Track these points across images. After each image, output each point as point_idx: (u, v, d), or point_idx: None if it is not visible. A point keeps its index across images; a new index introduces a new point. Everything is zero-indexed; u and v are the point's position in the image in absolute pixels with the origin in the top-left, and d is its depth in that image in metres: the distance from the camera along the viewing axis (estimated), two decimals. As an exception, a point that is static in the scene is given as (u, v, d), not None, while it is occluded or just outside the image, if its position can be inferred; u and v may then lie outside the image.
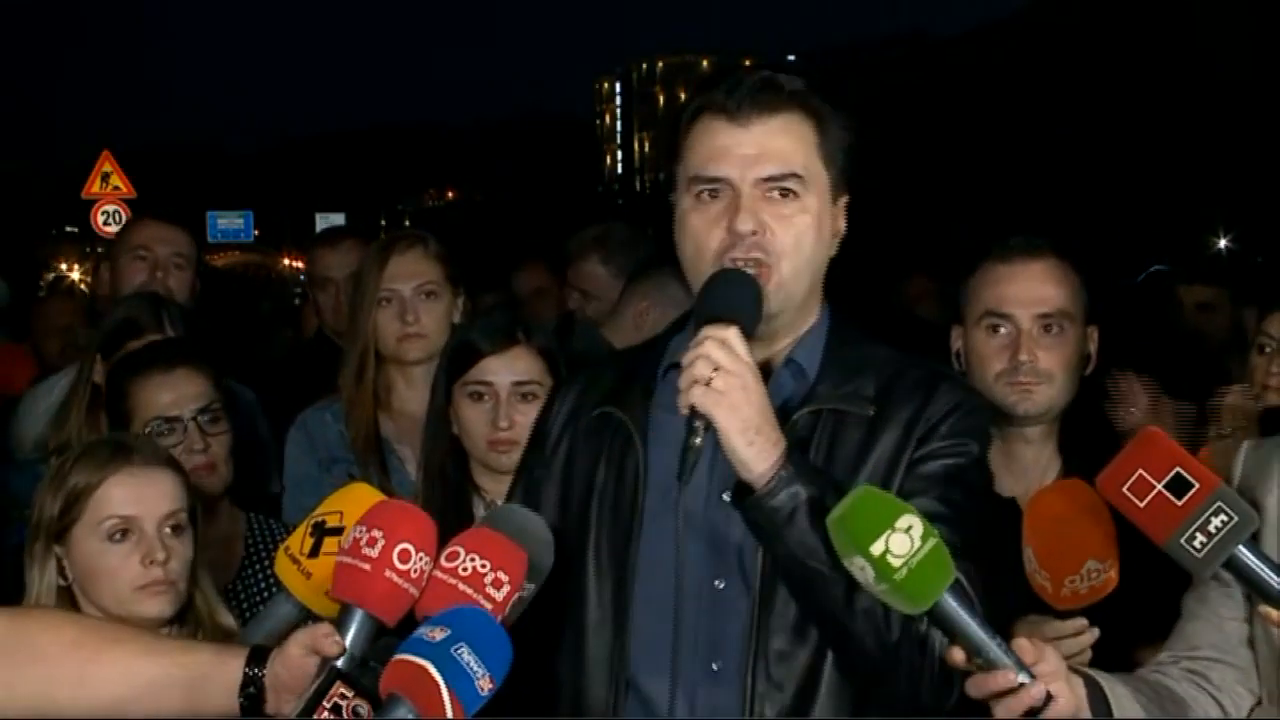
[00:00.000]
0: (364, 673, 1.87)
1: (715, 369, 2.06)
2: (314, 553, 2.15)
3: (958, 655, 2.02)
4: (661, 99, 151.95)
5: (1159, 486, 2.05)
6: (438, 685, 1.75)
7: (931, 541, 1.94)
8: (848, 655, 2.18)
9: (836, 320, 2.35)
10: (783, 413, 2.22)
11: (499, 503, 3.05)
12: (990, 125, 43.45)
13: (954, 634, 2.02)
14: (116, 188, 16.83)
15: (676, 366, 2.25)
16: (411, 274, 3.80)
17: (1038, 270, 2.93)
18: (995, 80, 44.92)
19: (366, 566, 1.93)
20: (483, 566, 1.98)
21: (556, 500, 2.35)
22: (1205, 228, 29.12)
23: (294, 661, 1.96)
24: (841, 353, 2.30)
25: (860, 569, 1.95)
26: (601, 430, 2.34)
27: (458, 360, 3.18)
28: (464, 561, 1.98)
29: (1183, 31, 39.85)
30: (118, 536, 2.59)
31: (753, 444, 2.08)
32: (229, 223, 31.36)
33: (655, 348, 2.40)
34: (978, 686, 2.01)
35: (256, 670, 1.99)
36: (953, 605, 2.00)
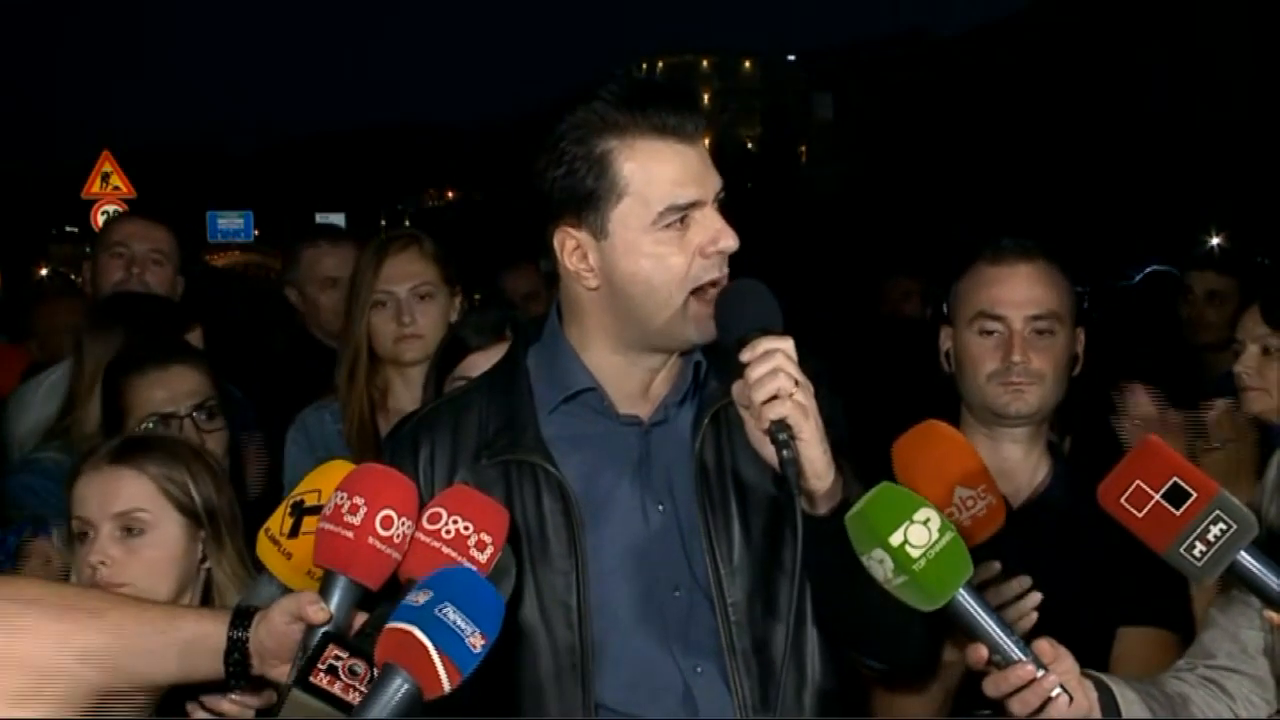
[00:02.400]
0: (362, 639, 1.89)
1: (796, 382, 2.07)
2: (294, 533, 2.16)
3: (981, 653, 2.06)
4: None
5: (1157, 497, 2.06)
6: (425, 647, 1.75)
7: (949, 535, 1.98)
8: (875, 627, 2.23)
9: None
10: (680, 415, 2.30)
11: None
12: (991, 124, 43.34)
13: (970, 630, 2.05)
14: (116, 188, 16.91)
15: (576, 396, 2.28)
16: (407, 275, 3.80)
17: (1029, 272, 2.93)
18: (996, 79, 44.80)
19: (349, 534, 1.93)
20: (465, 528, 1.97)
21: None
22: (1199, 226, 29.08)
23: (279, 629, 1.97)
24: (713, 346, 2.28)
25: (879, 562, 1.98)
26: (503, 479, 2.27)
27: (448, 356, 3.20)
28: (446, 524, 1.97)
29: (1183, 31, 39.77)
30: (81, 538, 2.61)
31: (826, 452, 2.11)
32: (229, 223, 31.37)
33: (516, 383, 2.35)
34: (995, 684, 2.06)
35: (241, 633, 2.00)
36: (969, 601, 2.03)
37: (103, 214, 16.44)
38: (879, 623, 2.20)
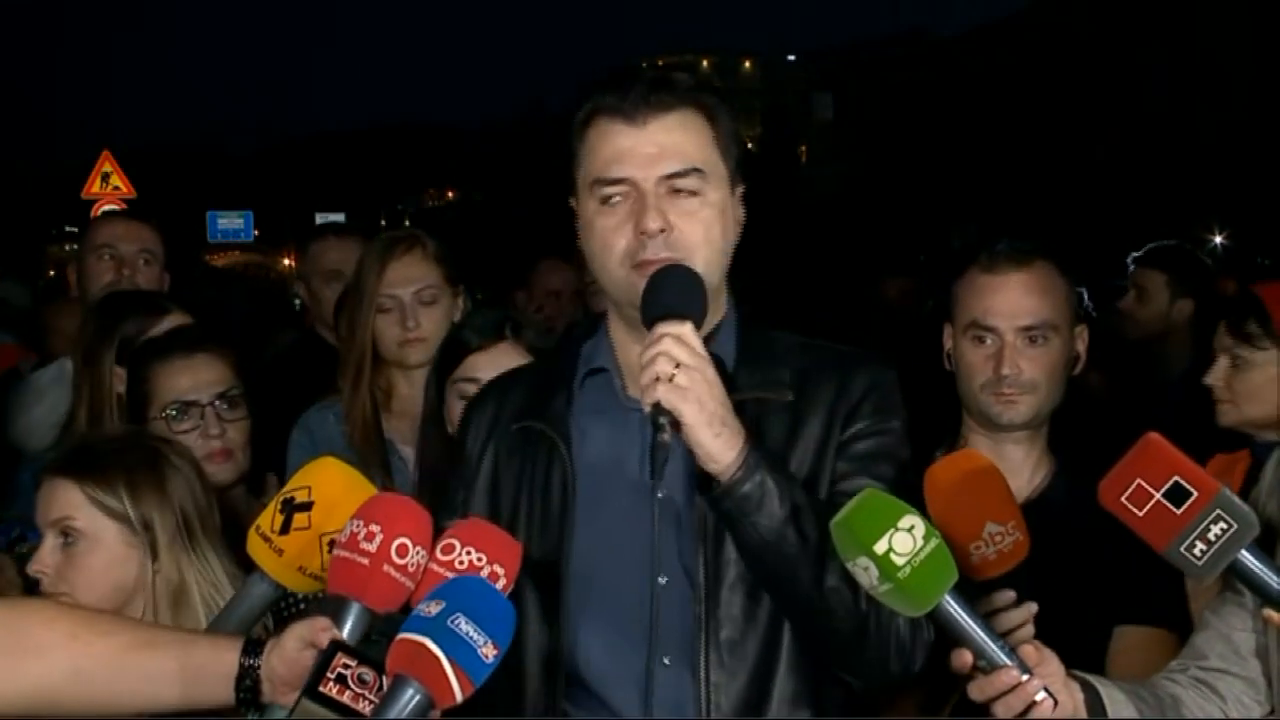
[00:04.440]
0: (366, 645, 1.89)
1: (676, 365, 2.08)
2: (284, 529, 2.14)
3: (965, 658, 2.05)
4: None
5: (1158, 495, 2.05)
6: (438, 659, 1.74)
7: (934, 542, 1.97)
8: (818, 633, 2.21)
9: (742, 310, 2.40)
10: None
11: None
12: (991, 124, 43.26)
13: (957, 636, 2.04)
14: (116, 188, 16.81)
15: (597, 372, 2.36)
16: (410, 279, 3.79)
17: (1022, 281, 2.92)
18: (996, 79, 44.68)
19: (365, 561, 1.93)
20: (479, 559, 1.98)
21: (485, 519, 2.32)
22: (1201, 225, 28.92)
23: (290, 656, 1.96)
24: (753, 341, 2.35)
25: (864, 569, 1.97)
26: (524, 445, 2.37)
27: (447, 358, 3.22)
28: (460, 555, 1.98)
29: (1184, 32, 39.65)
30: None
31: (719, 435, 2.11)
32: (229, 223, 31.34)
33: (567, 356, 2.44)
34: (981, 689, 2.05)
35: (253, 661, 1.99)
36: (955, 607, 2.03)
37: (102, 214, 16.38)
38: (811, 625, 2.21)
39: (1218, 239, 27.92)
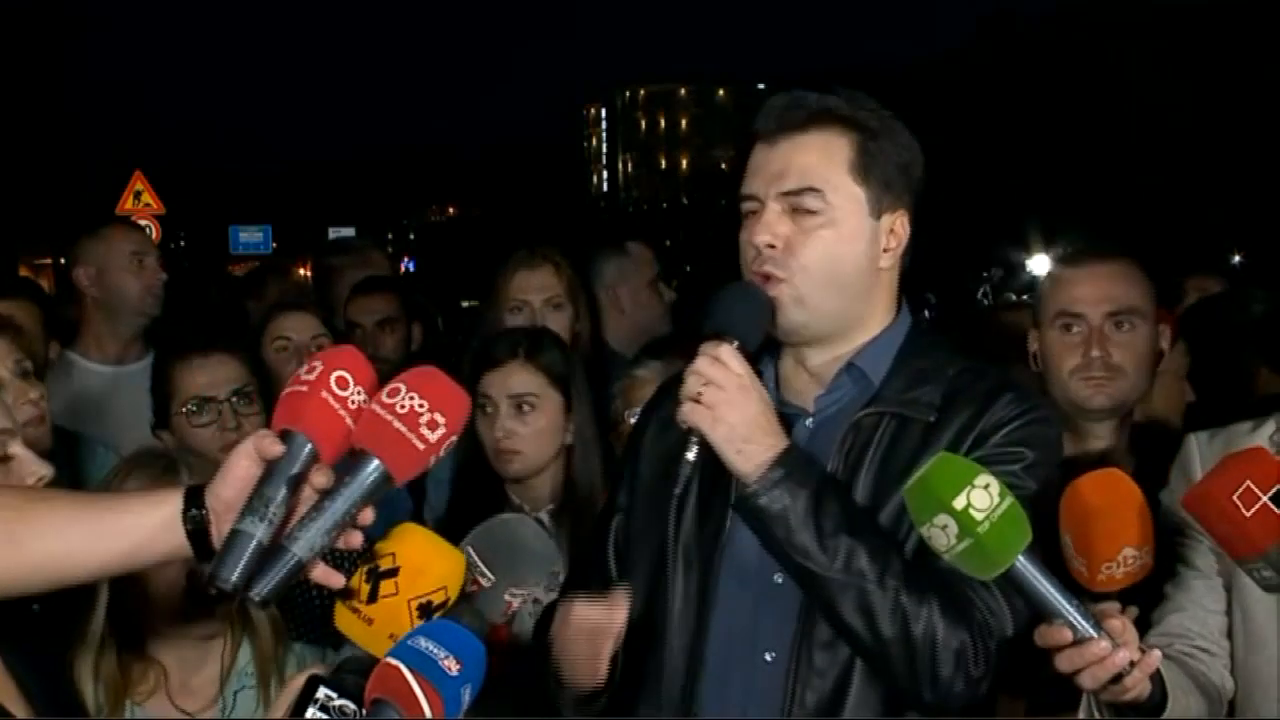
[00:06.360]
0: (342, 678, 1.76)
1: (705, 384, 2.03)
2: (372, 598, 1.97)
3: (1065, 635, 1.92)
4: (643, 123, 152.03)
5: (1264, 499, 2.01)
6: (400, 671, 1.65)
7: (1009, 499, 1.86)
8: (848, 645, 2.10)
9: (915, 330, 2.27)
10: (844, 414, 2.18)
11: (523, 503, 3.13)
12: (997, 137, 42.27)
13: (1031, 598, 1.92)
14: (148, 204, 16.90)
15: (760, 373, 2.20)
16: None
17: (1106, 270, 2.84)
18: (1005, 87, 43.34)
19: (304, 389, 1.79)
20: (420, 406, 1.78)
21: (667, 509, 2.22)
22: (1219, 243, 28.30)
23: (240, 475, 1.77)
24: (914, 361, 2.21)
25: (942, 528, 1.86)
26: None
27: (472, 375, 3.20)
28: (403, 399, 1.78)
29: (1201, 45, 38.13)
30: None
31: (740, 452, 2.05)
32: (250, 236, 31.31)
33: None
34: (1070, 660, 1.93)
35: (197, 510, 1.80)
36: (1029, 568, 1.87)
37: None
38: (852, 628, 2.06)
39: (1236, 258, 27.29)
